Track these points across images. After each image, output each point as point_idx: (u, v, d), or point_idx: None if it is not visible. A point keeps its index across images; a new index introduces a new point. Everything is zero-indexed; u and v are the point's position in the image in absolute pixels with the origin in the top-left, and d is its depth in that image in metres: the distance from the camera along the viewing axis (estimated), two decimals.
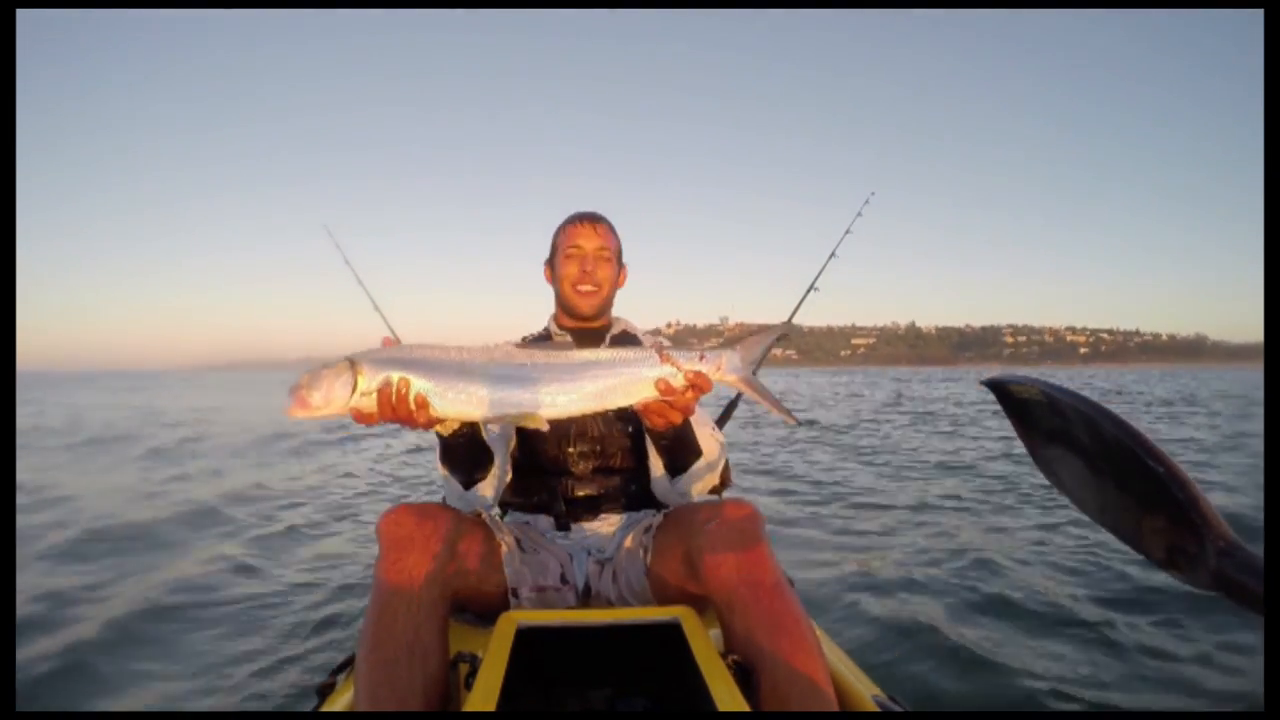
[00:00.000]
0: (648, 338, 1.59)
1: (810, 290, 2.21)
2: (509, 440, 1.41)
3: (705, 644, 1.01)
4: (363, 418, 1.04)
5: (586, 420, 1.41)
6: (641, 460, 1.42)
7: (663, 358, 1.07)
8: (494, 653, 0.98)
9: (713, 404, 1.54)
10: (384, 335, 1.54)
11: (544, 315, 1.63)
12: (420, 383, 1.03)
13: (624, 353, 1.09)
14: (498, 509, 1.49)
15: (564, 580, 1.30)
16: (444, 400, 1.05)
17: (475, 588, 1.23)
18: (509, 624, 1.07)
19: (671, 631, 1.07)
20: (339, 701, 1.17)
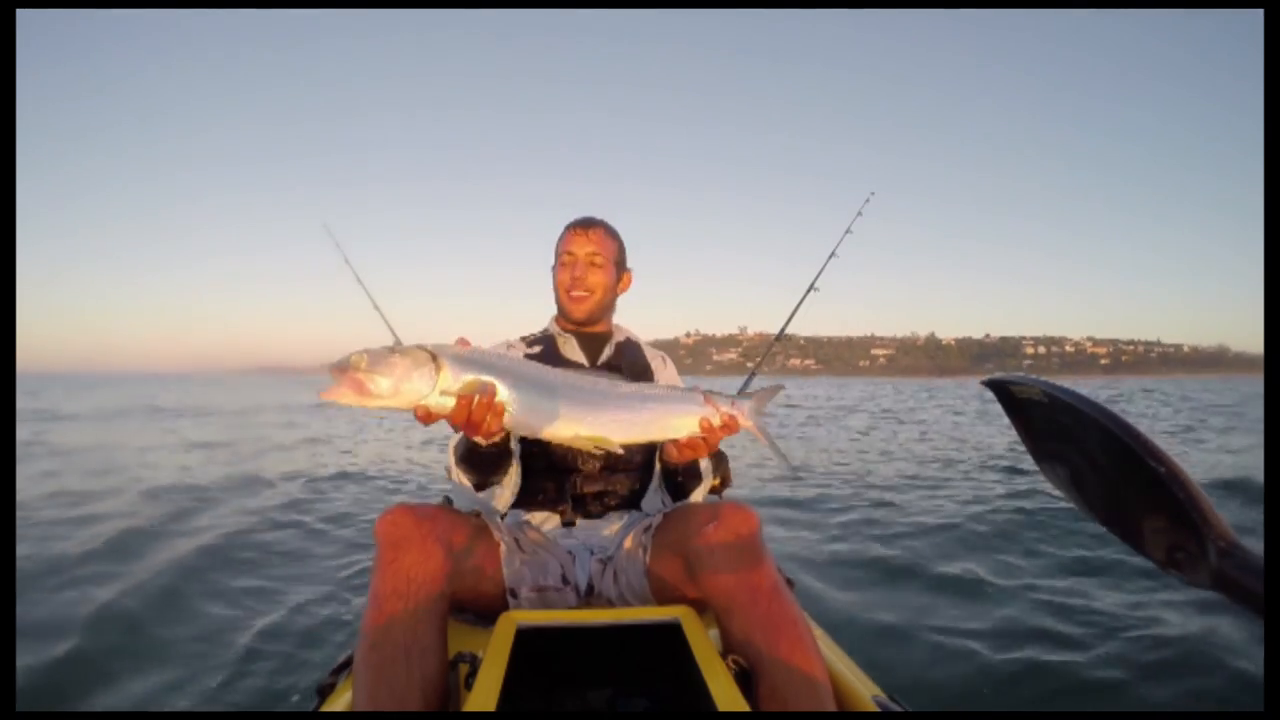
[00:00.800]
0: (649, 349, 1.63)
1: (810, 290, 2.22)
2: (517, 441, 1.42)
3: (705, 644, 1.01)
4: (428, 417, 1.00)
5: None
6: (647, 459, 1.45)
7: (706, 399, 1.18)
8: (494, 653, 0.98)
9: None
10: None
11: (544, 317, 1.64)
12: (504, 392, 1.01)
13: (677, 391, 1.19)
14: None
15: (565, 581, 1.30)
16: (523, 413, 1.03)
17: (473, 587, 1.23)
18: (509, 624, 1.07)
19: (671, 631, 1.07)
20: (339, 701, 1.17)
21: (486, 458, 1.23)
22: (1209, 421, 12.33)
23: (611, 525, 1.42)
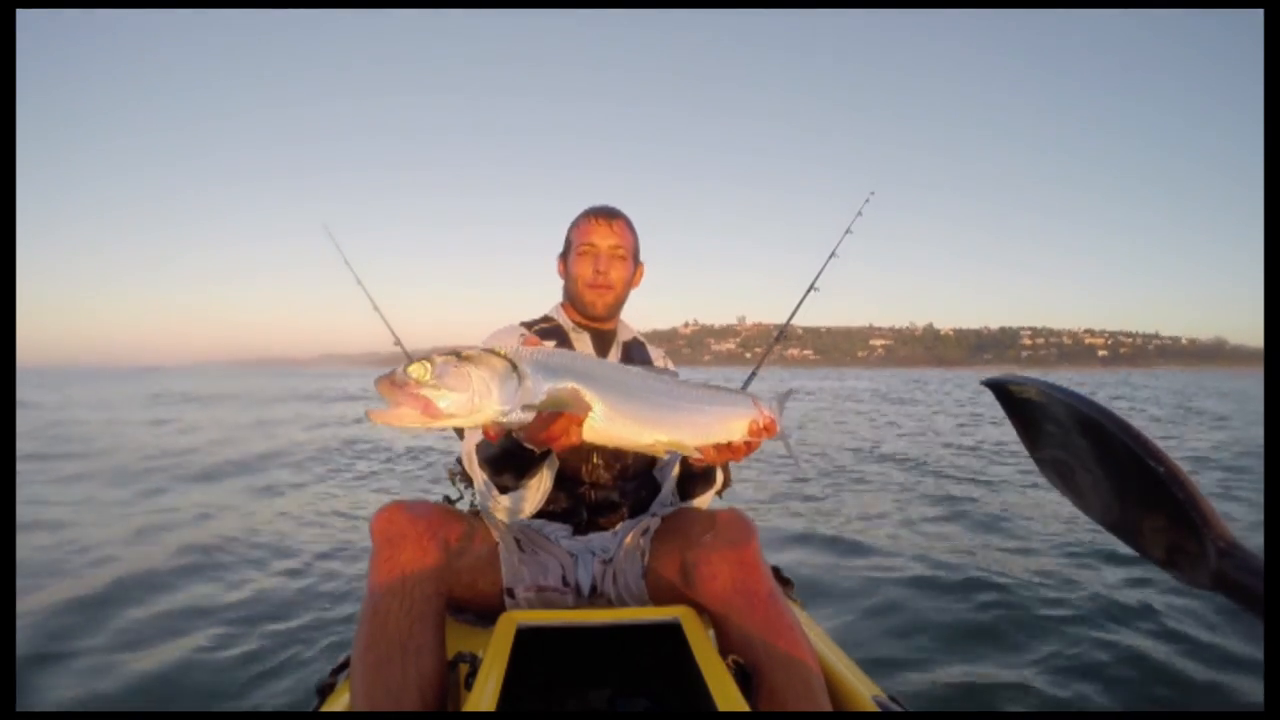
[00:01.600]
0: (652, 349, 1.59)
1: (810, 290, 2.22)
2: None
3: (705, 644, 1.01)
4: (499, 433, 0.87)
5: None
6: (652, 466, 1.46)
7: (754, 402, 1.13)
8: (494, 653, 0.98)
9: None
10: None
11: (544, 306, 1.57)
12: (589, 399, 0.89)
13: (732, 393, 1.14)
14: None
15: (565, 582, 1.30)
16: (604, 421, 0.91)
17: (471, 586, 1.22)
18: (509, 624, 1.07)
19: (671, 632, 1.07)
20: (339, 701, 1.17)
21: (528, 460, 1.13)
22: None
23: (613, 528, 1.42)
